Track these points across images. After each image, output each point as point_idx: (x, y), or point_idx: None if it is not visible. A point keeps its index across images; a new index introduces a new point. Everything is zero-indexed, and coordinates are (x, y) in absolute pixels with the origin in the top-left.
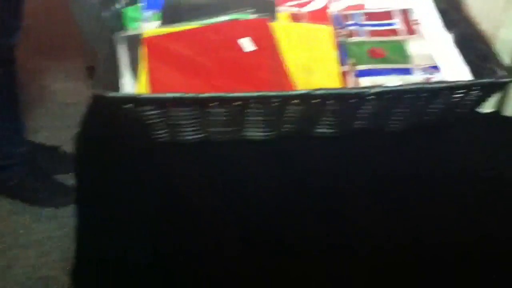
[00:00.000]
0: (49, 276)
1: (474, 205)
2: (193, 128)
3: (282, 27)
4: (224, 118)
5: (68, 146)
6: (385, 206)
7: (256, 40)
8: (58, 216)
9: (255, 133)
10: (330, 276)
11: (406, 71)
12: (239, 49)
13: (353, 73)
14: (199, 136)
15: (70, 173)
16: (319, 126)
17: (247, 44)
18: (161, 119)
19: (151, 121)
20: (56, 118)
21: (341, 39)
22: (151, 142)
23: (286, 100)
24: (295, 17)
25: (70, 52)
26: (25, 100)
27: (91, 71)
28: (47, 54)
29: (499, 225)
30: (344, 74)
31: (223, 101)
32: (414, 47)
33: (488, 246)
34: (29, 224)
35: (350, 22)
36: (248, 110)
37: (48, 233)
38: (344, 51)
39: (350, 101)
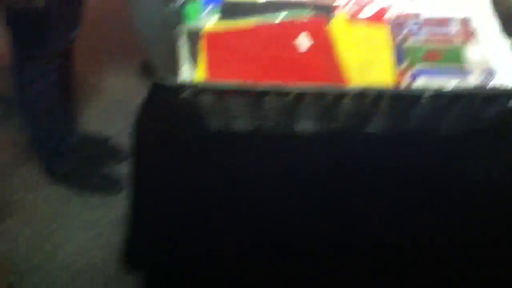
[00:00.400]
0: (95, 261)
1: None
2: (246, 119)
3: (339, 26)
4: (278, 110)
5: (117, 139)
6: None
7: (312, 39)
8: (104, 205)
9: (306, 127)
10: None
11: (462, 74)
12: (296, 48)
13: (408, 74)
14: (252, 127)
15: (119, 165)
16: (370, 125)
17: (304, 43)
18: (217, 108)
19: (206, 110)
20: (107, 113)
21: (398, 42)
22: (204, 131)
23: (340, 96)
24: (352, 19)
25: (124, 48)
26: (78, 94)
27: (144, 68)
28: (101, 49)
29: None
30: (399, 74)
31: (279, 94)
32: (470, 53)
33: None
34: (76, 211)
35: (407, 27)
36: (302, 104)
37: (94, 221)
38: (400, 53)
39: (404, 101)
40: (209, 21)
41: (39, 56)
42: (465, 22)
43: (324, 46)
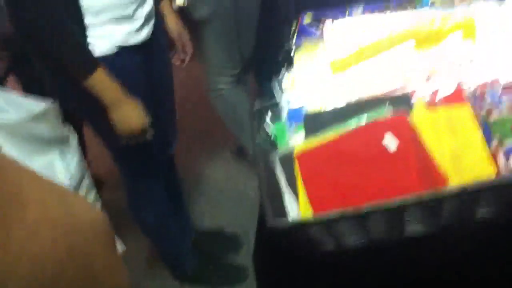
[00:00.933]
0: None
1: None
2: (356, 235)
3: (420, 117)
4: (384, 223)
5: (229, 229)
6: None
7: (398, 138)
8: None
9: (415, 229)
10: None
11: None
12: (385, 150)
13: (502, 152)
14: (363, 241)
15: (235, 253)
16: (479, 213)
17: (391, 143)
18: (327, 234)
19: (318, 237)
20: (214, 202)
21: (481, 118)
22: (319, 253)
23: (442, 199)
24: (431, 104)
25: (214, 140)
26: (185, 191)
27: (237, 152)
28: (194, 145)
29: None
30: (493, 155)
31: (383, 210)
32: None
33: None
34: None
35: (487, 99)
36: (406, 213)
37: None
38: (487, 130)
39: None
40: (296, 139)
41: (150, 168)
42: None
43: (412, 142)
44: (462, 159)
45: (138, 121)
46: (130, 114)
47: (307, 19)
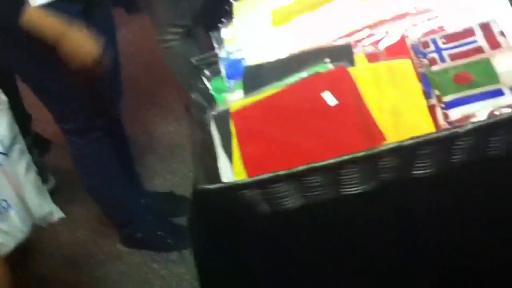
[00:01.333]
0: None
1: None
2: (291, 196)
3: (361, 71)
4: (320, 183)
5: (180, 188)
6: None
7: (338, 92)
8: (184, 258)
9: (352, 188)
10: None
11: (496, 93)
12: (323, 105)
13: (440, 106)
14: (299, 202)
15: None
16: (416, 169)
17: (330, 98)
18: (261, 195)
19: (252, 200)
20: (166, 161)
21: (423, 69)
22: (253, 216)
23: (378, 156)
24: (373, 56)
25: (166, 96)
26: (135, 151)
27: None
28: (146, 102)
29: None
30: (431, 107)
31: (318, 170)
32: (501, 63)
33: None
34: (159, 271)
35: (430, 49)
36: (343, 171)
37: (178, 277)
38: (428, 82)
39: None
40: (234, 96)
41: (95, 129)
42: (488, 27)
43: (352, 97)
44: (401, 113)
45: (90, 47)
46: (79, 42)
47: None
